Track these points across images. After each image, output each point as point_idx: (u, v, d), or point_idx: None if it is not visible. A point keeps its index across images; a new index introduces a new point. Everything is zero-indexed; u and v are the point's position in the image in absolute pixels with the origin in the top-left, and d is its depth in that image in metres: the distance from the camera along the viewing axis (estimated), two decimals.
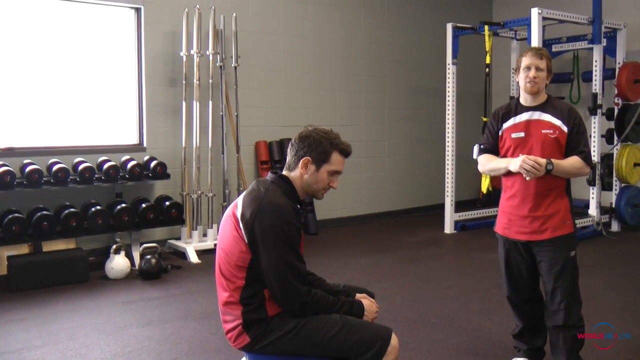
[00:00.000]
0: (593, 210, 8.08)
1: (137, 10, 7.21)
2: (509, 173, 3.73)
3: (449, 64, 8.35)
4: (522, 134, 3.70)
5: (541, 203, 3.66)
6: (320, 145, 2.85)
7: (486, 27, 7.92)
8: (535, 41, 7.12)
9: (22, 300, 5.49)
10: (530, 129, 3.69)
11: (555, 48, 8.48)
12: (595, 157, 7.92)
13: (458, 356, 4.21)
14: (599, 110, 7.96)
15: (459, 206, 8.76)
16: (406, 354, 4.25)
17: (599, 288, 5.80)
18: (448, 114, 8.40)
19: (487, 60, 7.89)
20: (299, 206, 2.89)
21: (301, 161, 2.85)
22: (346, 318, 2.80)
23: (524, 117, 3.72)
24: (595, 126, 7.95)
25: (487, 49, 7.90)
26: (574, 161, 3.60)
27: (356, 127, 9.11)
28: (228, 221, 2.85)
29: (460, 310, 5.16)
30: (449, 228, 8.47)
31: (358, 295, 3.05)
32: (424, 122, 9.93)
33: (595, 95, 7.93)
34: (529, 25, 7.32)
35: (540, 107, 3.71)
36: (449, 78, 8.35)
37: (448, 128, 8.41)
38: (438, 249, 7.60)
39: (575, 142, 3.63)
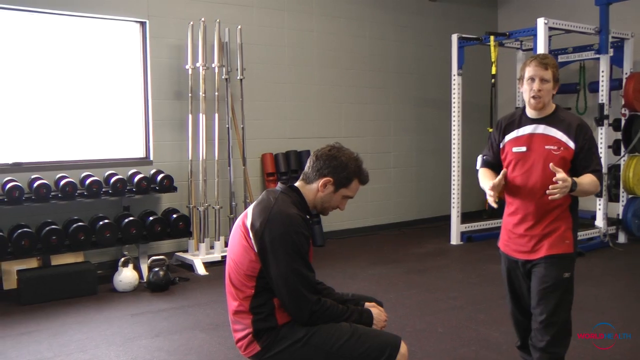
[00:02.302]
0: (600, 222, 8.06)
1: (142, 24, 7.27)
2: (510, 189, 3.51)
3: (454, 75, 8.38)
4: (523, 149, 3.44)
5: (540, 222, 3.42)
6: (345, 170, 2.88)
7: (492, 38, 7.95)
8: (541, 51, 7.12)
9: (32, 313, 5.53)
10: (533, 143, 3.43)
11: (561, 58, 8.45)
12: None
13: None
14: (605, 121, 7.94)
15: (465, 217, 8.77)
16: None
17: (605, 299, 5.81)
18: (454, 125, 8.42)
19: (493, 71, 7.92)
20: (307, 216, 2.91)
21: (322, 180, 2.88)
22: (355, 326, 2.81)
23: (527, 130, 3.46)
24: (602, 137, 7.93)
25: (492, 60, 7.93)
26: (591, 180, 3.30)
27: (362, 139, 9.13)
28: (238, 231, 2.87)
29: (467, 320, 5.17)
30: (455, 239, 8.47)
31: (367, 304, 3.06)
32: (430, 133, 9.96)
33: (602, 106, 7.92)
34: (534, 35, 7.35)
35: (546, 120, 3.43)
36: (454, 89, 8.38)
37: (454, 139, 8.43)
38: (444, 260, 7.60)
39: (587, 160, 3.35)
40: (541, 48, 7.13)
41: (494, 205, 3.40)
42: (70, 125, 6.90)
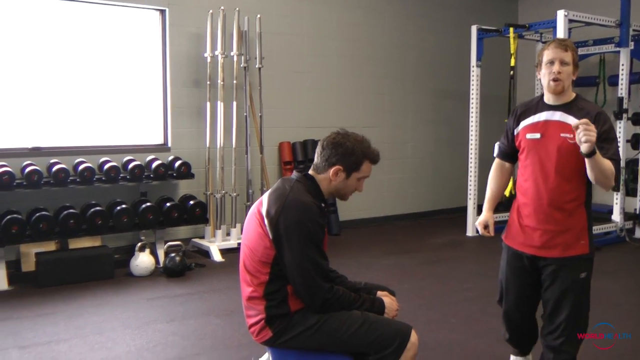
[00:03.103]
0: (617, 216, 8.03)
1: (162, 12, 7.31)
2: (522, 178, 3.41)
3: (473, 67, 8.35)
4: (538, 135, 3.30)
5: (555, 215, 3.27)
6: (352, 155, 2.88)
7: (511, 30, 7.91)
8: None
9: (50, 295, 5.61)
10: (548, 130, 3.27)
11: (581, 51, 8.38)
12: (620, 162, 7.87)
13: (477, 357, 4.23)
14: (624, 115, 7.90)
15: (482, 209, 8.73)
16: (425, 354, 4.27)
17: (618, 294, 5.81)
18: (472, 117, 8.41)
19: (512, 63, 7.89)
20: (323, 205, 2.93)
21: (332, 169, 2.89)
22: (367, 315, 2.84)
23: (543, 116, 3.31)
24: (621, 131, 7.87)
25: (512, 52, 7.90)
26: (609, 164, 3.07)
27: (379, 129, 9.13)
28: (253, 218, 2.90)
29: (480, 312, 5.18)
30: (471, 231, 8.47)
31: (379, 293, 3.09)
32: (448, 124, 9.94)
33: (621, 100, 7.87)
34: (554, 27, 7.28)
35: (564, 107, 3.27)
36: (473, 81, 8.36)
37: (472, 131, 8.42)
38: (460, 252, 7.61)
39: (604, 149, 3.10)
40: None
41: (487, 234, 3.57)
42: (90, 111, 6.97)
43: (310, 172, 2.98)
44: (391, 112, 9.36)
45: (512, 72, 7.92)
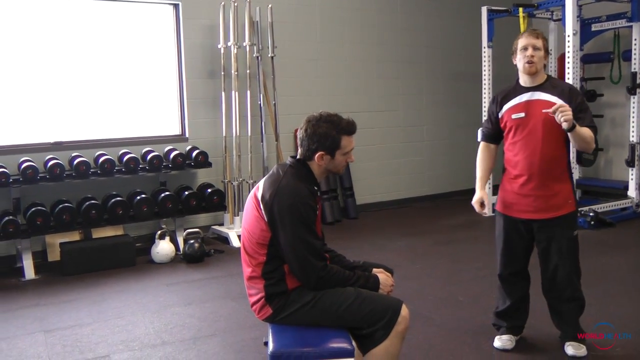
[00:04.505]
0: (632, 192, 8.07)
1: (175, 6, 7.48)
2: (512, 153, 3.86)
3: (484, 48, 8.41)
4: (522, 114, 3.76)
5: (545, 182, 3.75)
6: (328, 138, 3.01)
7: (520, 10, 7.94)
8: (570, 21, 7.04)
9: (74, 283, 5.86)
10: (531, 109, 3.74)
11: (594, 27, 8.32)
12: (634, 137, 7.90)
13: (482, 333, 4.35)
14: (638, 90, 7.88)
15: (497, 189, 8.79)
16: (431, 329, 4.44)
17: (630, 270, 5.89)
18: (484, 98, 8.47)
19: None
20: (315, 188, 3.09)
21: (316, 156, 3.03)
22: (359, 290, 2.99)
23: (524, 97, 3.78)
24: (635, 106, 7.89)
25: (521, 32, 7.90)
26: (588, 131, 3.60)
27: (394, 113, 9.25)
28: (250, 202, 3.08)
29: (488, 289, 5.22)
30: (487, 210, 8.51)
31: (375, 270, 3.22)
32: (462, 106, 9.98)
33: (634, 75, 7.86)
34: (563, 5, 7.25)
35: (540, 87, 3.75)
36: (484, 61, 8.42)
37: (485, 112, 8.48)
38: (474, 232, 7.69)
39: (582, 119, 3.61)
40: (570, 18, 7.05)
41: (484, 212, 4.01)
42: (109, 105, 7.17)
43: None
44: (405, 96, 9.45)
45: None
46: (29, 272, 6.07)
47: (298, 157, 3.11)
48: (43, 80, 6.77)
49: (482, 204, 3.99)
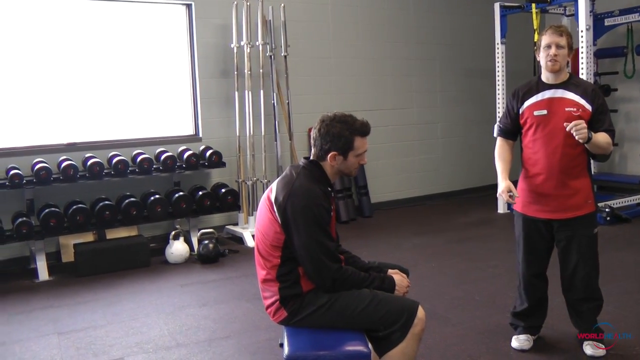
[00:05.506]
0: None
1: (188, 6, 7.48)
2: (532, 151, 3.81)
3: (497, 44, 8.35)
4: (544, 112, 3.72)
5: (565, 181, 3.72)
6: (341, 138, 2.98)
7: (533, 5, 7.87)
8: (583, 16, 7.04)
9: (88, 284, 5.86)
10: (553, 106, 3.71)
11: (607, 22, 8.33)
12: None
13: (499, 332, 4.31)
14: None
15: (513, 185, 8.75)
16: (447, 329, 4.41)
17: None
18: (498, 95, 8.41)
19: (536, 39, 7.85)
20: (329, 189, 3.07)
21: (328, 156, 3.00)
22: (375, 292, 2.97)
23: (546, 94, 3.73)
24: None
25: (535, 27, 7.86)
26: (605, 137, 3.61)
27: (408, 111, 9.21)
28: (264, 204, 3.05)
29: (504, 288, 5.24)
30: (501, 208, 8.50)
31: (390, 271, 3.19)
32: (477, 103, 9.93)
33: None
34: (575, 0, 7.23)
35: (563, 85, 3.72)
36: (498, 58, 8.36)
37: (499, 108, 8.43)
38: (489, 229, 7.65)
39: (601, 121, 3.65)
40: (582, 13, 7.03)
41: (512, 202, 3.81)
42: (122, 106, 7.18)
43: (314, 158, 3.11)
44: (419, 93, 9.40)
45: (535, 48, 7.88)
46: (43, 274, 6.08)
47: (311, 158, 3.08)
48: (56, 81, 6.78)
49: (510, 194, 3.81)
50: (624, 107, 9.27)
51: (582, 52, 7.14)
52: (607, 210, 7.37)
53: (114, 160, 6.56)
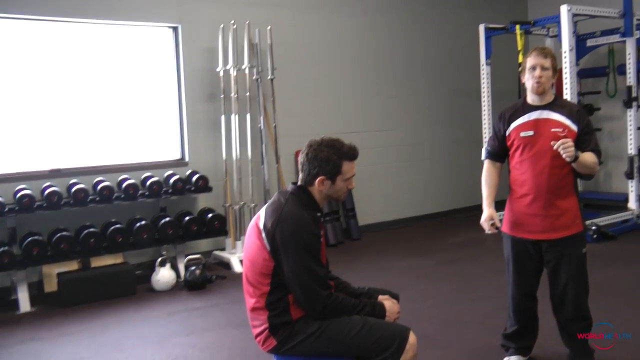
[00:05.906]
0: (633, 204, 8.07)
1: (175, 29, 7.46)
2: (519, 172, 3.83)
3: (483, 65, 8.40)
4: (531, 133, 3.74)
5: (553, 201, 3.72)
6: (329, 162, 2.95)
7: (517, 27, 7.97)
8: (566, 38, 7.16)
9: (73, 315, 5.73)
10: (540, 127, 3.73)
11: (589, 42, 8.43)
12: (632, 149, 7.92)
13: (488, 355, 4.28)
14: (634, 103, 7.92)
15: (500, 206, 8.72)
16: (437, 353, 4.35)
17: (634, 283, 5.84)
18: (484, 115, 8.46)
19: (520, 60, 7.90)
20: (319, 214, 3.03)
21: (316, 181, 2.98)
22: (366, 318, 2.92)
23: (532, 115, 3.76)
24: (631, 119, 7.92)
25: (519, 48, 7.93)
26: (591, 156, 3.64)
27: (395, 132, 9.21)
28: (252, 231, 3.01)
29: (495, 309, 5.18)
30: (497, 226, 8.44)
31: (380, 297, 3.16)
32: (462, 123, 9.94)
33: (629, 88, 7.92)
34: (558, 22, 7.35)
35: (548, 106, 3.75)
36: (483, 79, 8.41)
37: (485, 128, 8.46)
38: (478, 250, 7.61)
39: (587, 142, 3.68)
40: (565, 34, 7.17)
41: (494, 231, 3.90)
42: (107, 131, 7.10)
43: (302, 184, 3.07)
44: (405, 114, 9.41)
45: (520, 68, 7.93)
46: (25, 305, 5.92)
47: (299, 183, 3.04)
48: (39, 106, 6.70)
49: (492, 223, 3.91)
50: (607, 126, 9.38)
51: (565, 72, 7.25)
52: (593, 227, 7.42)
53: (99, 186, 6.47)
